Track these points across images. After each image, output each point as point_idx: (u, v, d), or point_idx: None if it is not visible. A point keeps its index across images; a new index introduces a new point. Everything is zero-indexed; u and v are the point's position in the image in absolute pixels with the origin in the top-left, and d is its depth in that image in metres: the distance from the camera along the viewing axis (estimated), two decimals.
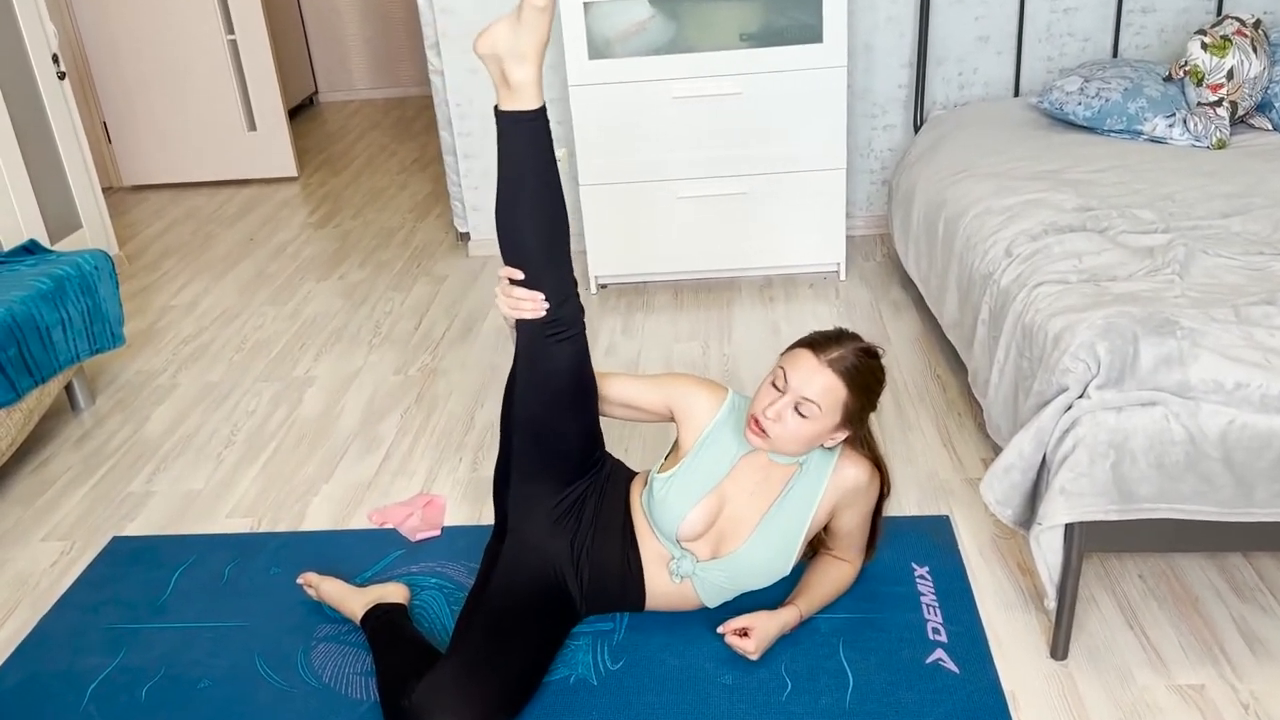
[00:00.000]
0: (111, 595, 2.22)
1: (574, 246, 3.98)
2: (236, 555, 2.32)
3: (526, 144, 1.75)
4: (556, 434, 1.91)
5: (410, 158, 5.49)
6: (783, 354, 1.88)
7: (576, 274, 1.87)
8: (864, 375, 1.82)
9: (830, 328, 1.90)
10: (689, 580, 1.94)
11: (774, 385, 1.83)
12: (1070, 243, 2.24)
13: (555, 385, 1.86)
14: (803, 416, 1.80)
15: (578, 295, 1.86)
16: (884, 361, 1.87)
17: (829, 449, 1.92)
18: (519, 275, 1.80)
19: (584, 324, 1.87)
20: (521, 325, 1.84)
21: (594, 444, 2.00)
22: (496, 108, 1.75)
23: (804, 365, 1.81)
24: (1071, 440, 1.72)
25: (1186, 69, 3.00)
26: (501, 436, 1.96)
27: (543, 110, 1.74)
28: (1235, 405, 1.67)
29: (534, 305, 1.80)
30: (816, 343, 1.84)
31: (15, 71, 3.57)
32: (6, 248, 3.43)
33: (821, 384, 1.79)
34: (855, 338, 1.85)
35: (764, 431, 1.82)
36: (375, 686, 1.88)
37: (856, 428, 1.88)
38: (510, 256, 1.81)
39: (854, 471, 1.92)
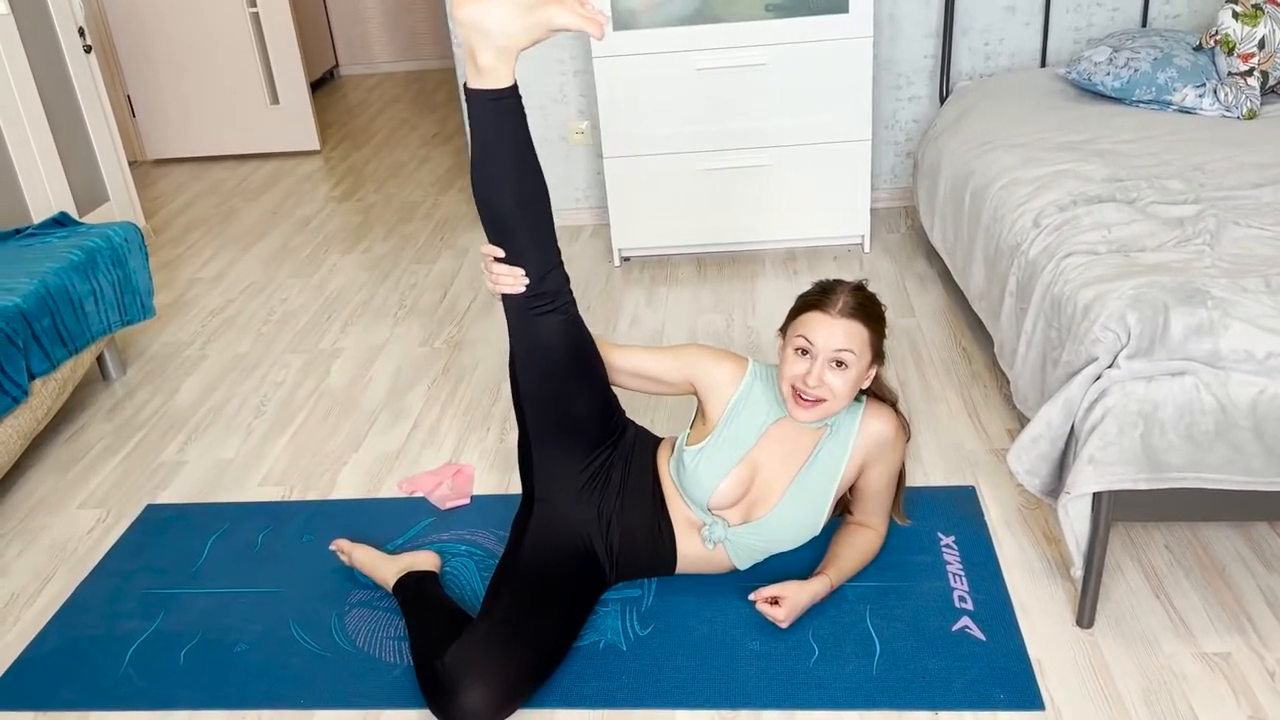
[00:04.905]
0: (147, 562, 2.26)
1: (598, 220, 4.01)
2: (269, 523, 2.36)
3: (498, 123, 1.70)
4: (564, 405, 1.93)
5: (431, 131, 5.50)
6: (788, 324, 1.92)
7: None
8: (871, 307, 1.90)
9: (810, 286, 1.95)
10: (721, 545, 1.96)
11: (800, 354, 1.86)
12: (1099, 213, 2.23)
13: (549, 358, 1.87)
14: (844, 367, 1.85)
15: (561, 267, 1.86)
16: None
17: (855, 403, 1.97)
18: (500, 253, 1.80)
19: (570, 295, 1.87)
20: (508, 301, 1.84)
21: (609, 412, 2.01)
22: (465, 85, 1.70)
23: (821, 323, 1.85)
24: (1100, 410, 1.73)
25: (1217, 38, 2.97)
26: (516, 413, 1.98)
27: (514, 88, 1.69)
28: (1266, 375, 1.67)
29: (514, 280, 1.80)
30: (817, 301, 1.89)
31: (43, 45, 3.59)
32: (36, 220, 3.46)
33: (846, 332, 1.84)
34: (840, 282, 1.93)
35: (813, 400, 1.85)
36: (408, 651, 1.92)
37: (881, 360, 1.94)
38: (491, 234, 1.81)
39: (879, 424, 1.97)
